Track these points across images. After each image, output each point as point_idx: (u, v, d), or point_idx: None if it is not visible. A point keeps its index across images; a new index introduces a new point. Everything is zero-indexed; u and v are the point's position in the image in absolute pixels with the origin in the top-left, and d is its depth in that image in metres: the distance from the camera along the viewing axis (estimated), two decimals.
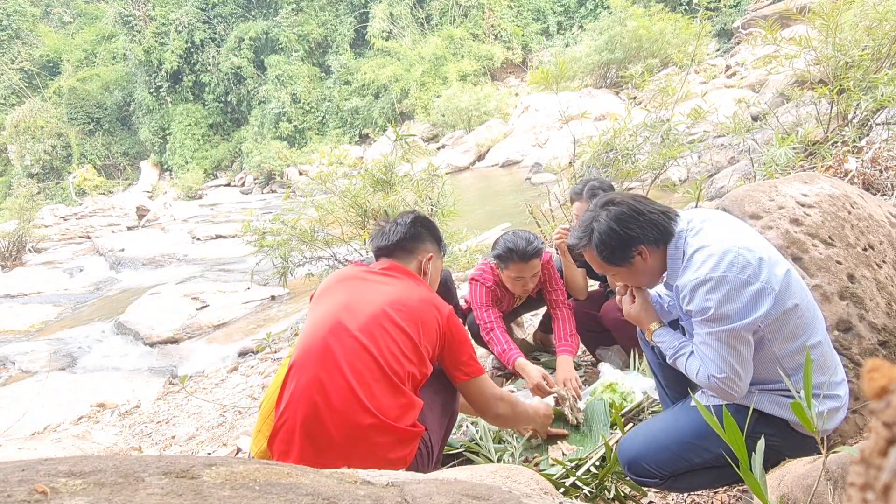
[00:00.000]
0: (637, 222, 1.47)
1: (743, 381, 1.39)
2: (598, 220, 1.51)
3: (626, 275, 1.56)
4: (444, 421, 1.86)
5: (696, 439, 1.46)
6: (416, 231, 1.94)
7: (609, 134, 4.69)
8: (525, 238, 2.49)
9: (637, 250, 1.48)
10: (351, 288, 1.79)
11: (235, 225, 11.41)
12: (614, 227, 1.48)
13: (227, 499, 0.72)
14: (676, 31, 16.03)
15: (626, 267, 1.52)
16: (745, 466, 1.04)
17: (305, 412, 1.55)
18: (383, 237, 1.94)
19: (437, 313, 1.75)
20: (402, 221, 1.96)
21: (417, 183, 4.94)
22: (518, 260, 2.48)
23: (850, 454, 1.13)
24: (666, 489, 1.58)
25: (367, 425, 1.53)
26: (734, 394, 1.40)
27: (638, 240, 1.47)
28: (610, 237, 1.48)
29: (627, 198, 1.53)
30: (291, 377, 1.63)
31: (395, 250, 1.91)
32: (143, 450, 3.73)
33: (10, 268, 12.12)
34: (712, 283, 1.35)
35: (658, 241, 1.48)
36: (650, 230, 1.47)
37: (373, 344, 1.60)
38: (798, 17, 4.78)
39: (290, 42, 24.28)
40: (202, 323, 6.81)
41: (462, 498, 0.90)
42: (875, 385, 0.34)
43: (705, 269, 1.37)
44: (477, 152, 16.41)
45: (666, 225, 1.48)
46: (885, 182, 3.43)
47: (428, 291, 1.84)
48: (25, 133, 25.55)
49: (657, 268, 1.52)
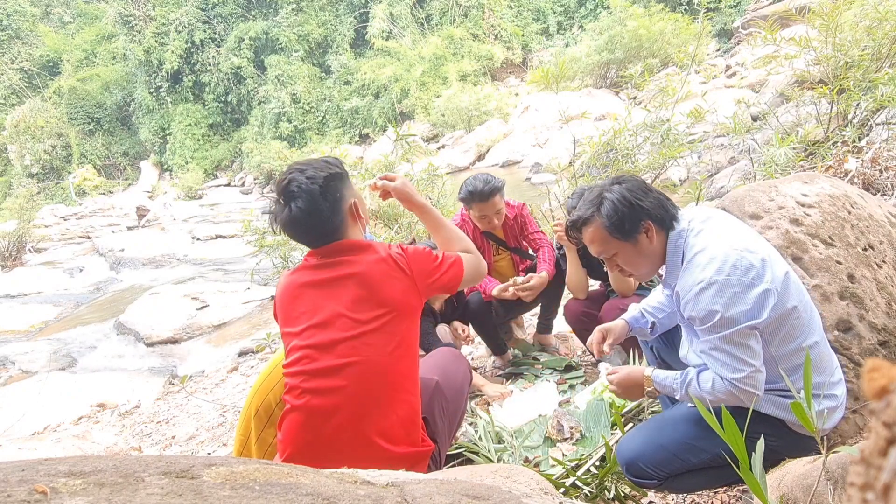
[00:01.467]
0: (648, 197, 1.48)
1: (761, 374, 1.37)
2: (611, 191, 1.50)
3: (629, 255, 1.52)
4: (453, 431, 1.85)
5: (694, 440, 1.46)
6: (329, 201, 1.55)
7: (609, 134, 4.69)
8: (483, 179, 2.77)
9: (645, 226, 1.47)
10: (314, 301, 1.57)
11: (235, 225, 11.40)
12: (627, 196, 1.47)
13: (227, 499, 0.72)
14: (676, 31, 16.02)
15: (632, 243, 1.49)
16: (745, 466, 1.04)
17: (309, 455, 1.49)
18: (301, 232, 1.58)
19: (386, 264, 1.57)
20: (308, 208, 1.52)
21: (418, 183, 4.94)
22: (479, 200, 2.77)
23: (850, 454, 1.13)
24: (665, 490, 1.57)
25: (378, 458, 1.47)
26: (755, 391, 1.36)
27: (648, 213, 1.46)
28: (622, 204, 1.47)
29: (636, 177, 1.56)
30: (286, 420, 1.54)
31: (326, 236, 1.59)
32: (143, 450, 3.73)
33: (10, 268, 12.12)
34: (717, 287, 1.34)
35: (663, 223, 1.48)
36: (658, 208, 1.47)
37: (362, 362, 1.51)
38: (798, 17, 4.77)
39: (290, 42, 24.27)
40: (202, 323, 6.81)
41: (462, 498, 0.90)
42: (875, 385, 0.34)
43: (708, 273, 1.35)
44: (477, 152, 16.40)
45: (671, 209, 1.49)
46: (885, 182, 3.43)
47: (373, 252, 1.60)
48: (25, 133, 25.54)
49: (657, 254, 1.50)
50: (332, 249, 1.60)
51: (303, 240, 1.62)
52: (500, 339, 3.07)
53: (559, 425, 2.26)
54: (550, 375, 2.84)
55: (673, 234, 1.48)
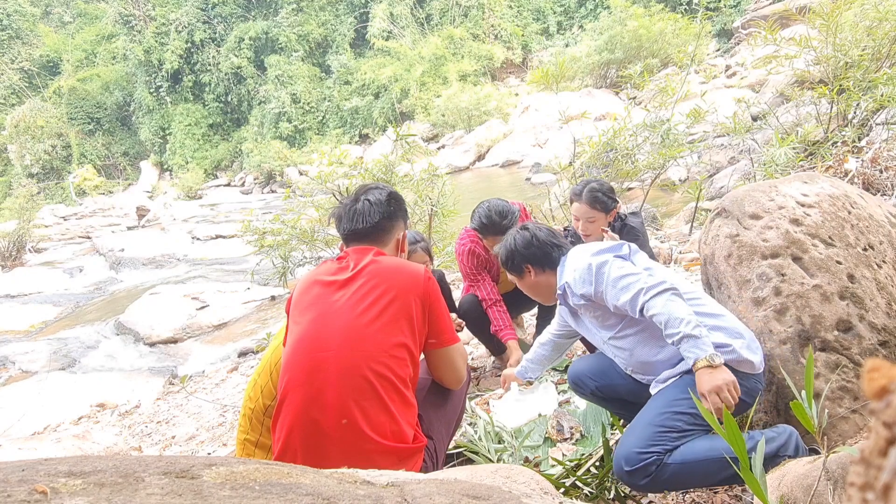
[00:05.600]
0: (530, 248, 1.93)
1: (653, 278, 1.64)
2: (510, 238, 2.01)
3: (523, 285, 2.03)
4: (451, 429, 1.85)
5: (671, 404, 1.58)
6: (391, 209, 1.77)
7: (609, 134, 4.69)
8: (498, 212, 2.64)
9: (526, 267, 1.95)
10: (328, 298, 1.62)
11: (235, 225, 11.41)
12: (510, 245, 1.98)
13: (227, 499, 0.72)
14: (676, 31, 16.02)
15: (521, 277, 2.01)
16: (745, 466, 1.04)
17: (304, 447, 1.50)
18: (357, 219, 1.73)
19: (416, 281, 1.65)
20: (375, 199, 1.75)
21: (417, 183, 4.93)
22: (493, 234, 2.65)
23: (850, 454, 1.14)
24: (660, 486, 1.56)
25: (367, 450, 1.48)
26: (667, 287, 1.60)
27: (525, 259, 1.94)
28: (506, 251, 1.99)
29: (533, 227, 2.00)
30: (283, 409, 1.56)
31: (373, 233, 1.74)
32: (143, 450, 3.73)
33: (10, 268, 12.12)
34: (580, 266, 1.78)
35: (542, 265, 1.93)
36: (536, 256, 1.93)
37: (361, 359, 1.52)
38: (798, 17, 4.78)
39: (290, 42, 24.28)
40: (202, 323, 6.81)
41: (462, 498, 0.90)
42: (875, 385, 0.34)
43: (571, 268, 1.84)
44: (477, 152, 16.40)
45: (554, 254, 1.92)
46: (885, 182, 3.43)
47: (406, 265, 1.71)
48: (25, 133, 25.55)
49: (545, 285, 1.95)
50: (366, 252, 1.70)
51: (356, 225, 1.73)
52: (497, 339, 3.06)
53: (559, 425, 2.26)
54: (550, 375, 2.84)
55: (559, 268, 1.90)
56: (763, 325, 1.78)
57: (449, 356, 1.73)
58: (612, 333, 1.77)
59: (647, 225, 3.77)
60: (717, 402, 1.46)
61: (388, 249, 1.76)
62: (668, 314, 1.56)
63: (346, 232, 1.76)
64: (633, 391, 1.85)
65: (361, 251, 1.70)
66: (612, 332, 1.77)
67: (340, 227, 1.78)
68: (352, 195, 1.80)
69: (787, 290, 1.76)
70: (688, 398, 1.55)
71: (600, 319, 1.79)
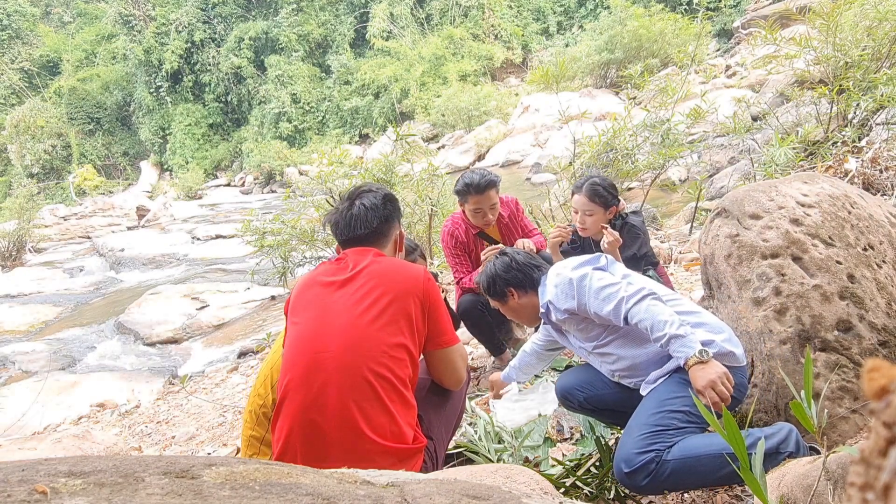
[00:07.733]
0: (510, 272, 1.99)
1: (633, 286, 1.69)
2: (491, 264, 2.04)
3: (506, 309, 2.08)
4: (451, 429, 1.85)
5: (665, 402, 1.60)
6: (388, 212, 1.77)
7: (609, 134, 4.69)
8: (479, 173, 2.84)
9: (509, 291, 1.99)
10: (327, 298, 1.62)
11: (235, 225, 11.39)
12: (491, 271, 2.04)
13: (227, 499, 0.72)
14: (676, 31, 16.00)
15: (503, 301, 2.05)
16: (745, 466, 1.04)
17: (304, 448, 1.50)
18: (355, 225, 1.72)
19: (416, 282, 1.65)
20: (371, 204, 1.74)
21: (417, 183, 4.94)
22: (474, 192, 2.81)
23: (850, 454, 1.14)
24: (660, 486, 1.56)
25: (367, 451, 1.48)
26: (647, 293, 1.65)
27: (507, 282, 1.98)
28: (488, 278, 2.04)
29: (513, 252, 2.06)
30: (282, 409, 1.55)
31: (371, 237, 1.74)
32: (143, 450, 3.73)
33: (10, 268, 12.11)
34: (560, 281, 1.83)
35: (524, 287, 1.97)
36: (518, 279, 1.99)
37: (361, 360, 1.52)
38: (798, 17, 4.78)
39: (290, 42, 24.26)
40: (202, 323, 6.81)
41: (462, 498, 0.90)
42: (875, 385, 0.34)
43: (551, 285, 1.89)
44: (477, 152, 16.39)
45: (535, 276, 1.96)
46: (885, 182, 3.43)
47: (406, 266, 1.72)
48: (25, 133, 25.52)
49: (529, 306, 1.99)
50: (365, 253, 1.70)
51: (355, 231, 1.73)
52: (497, 339, 3.06)
53: (559, 425, 2.26)
54: (550, 375, 2.84)
55: (540, 288, 1.94)
56: (763, 324, 1.78)
57: (449, 357, 1.73)
58: (596, 343, 1.82)
59: (647, 224, 3.77)
60: (714, 396, 1.48)
61: (386, 250, 1.77)
62: (652, 318, 1.60)
63: (343, 238, 1.76)
64: (622, 400, 1.86)
65: (360, 252, 1.70)
66: (595, 341, 1.82)
67: (337, 232, 1.76)
68: (346, 198, 1.78)
69: (787, 290, 1.76)
70: (680, 396, 1.58)
71: (584, 332, 1.84)
